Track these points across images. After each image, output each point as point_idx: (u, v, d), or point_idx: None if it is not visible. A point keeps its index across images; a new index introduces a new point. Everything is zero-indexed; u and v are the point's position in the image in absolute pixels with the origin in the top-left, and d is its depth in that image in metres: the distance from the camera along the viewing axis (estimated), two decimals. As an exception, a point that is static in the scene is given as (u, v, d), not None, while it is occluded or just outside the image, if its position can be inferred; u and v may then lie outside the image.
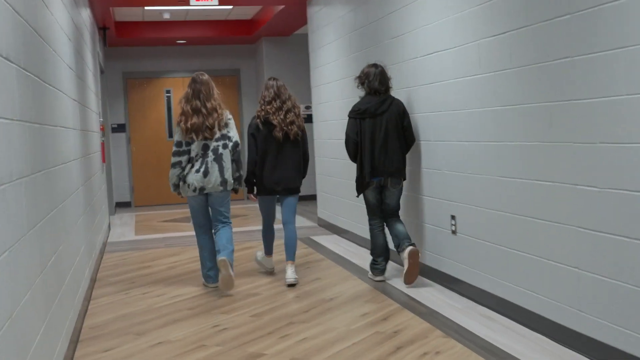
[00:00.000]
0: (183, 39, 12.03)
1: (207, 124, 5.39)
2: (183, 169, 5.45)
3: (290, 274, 5.65)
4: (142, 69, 12.66)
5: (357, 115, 5.51)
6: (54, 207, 3.68)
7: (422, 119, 5.56)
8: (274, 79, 5.92)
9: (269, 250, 6.07)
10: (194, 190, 5.40)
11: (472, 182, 4.84)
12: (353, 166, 6.06)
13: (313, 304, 5.07)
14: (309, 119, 12.09)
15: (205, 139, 5.39)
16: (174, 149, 5.47)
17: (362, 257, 6.64)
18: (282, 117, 5.69)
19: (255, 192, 5.87)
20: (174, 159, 5.47)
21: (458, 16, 4.88)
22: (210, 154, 5.41)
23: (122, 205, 12.63)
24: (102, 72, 10.87)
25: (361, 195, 5.76)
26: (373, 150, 5.42)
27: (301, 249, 7.31)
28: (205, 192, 5.41)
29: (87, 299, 5.35)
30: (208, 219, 5.61)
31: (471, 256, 4.90)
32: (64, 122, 4.48)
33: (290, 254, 5.78)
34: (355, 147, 5.50)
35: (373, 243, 5.65)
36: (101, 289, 5.84)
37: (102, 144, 8.84)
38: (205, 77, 5.60)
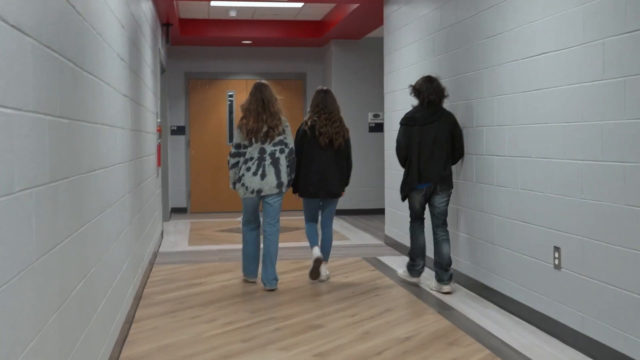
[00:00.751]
0: (249, 39, 11.46)
1: (267, 128, 5.68)
2: (241, 169, 5.75)
3: (324, 273, 6.13)
4: (204, 70, 12.14)
5: (408, 122, 5.69)
6: (85, 221, 3.03)
7: (522, 131, 4.76)
8: (324, 90, 6.21)
9: (314, 242, 6.11)
10: (252, 192, 5.71)
11: (583, 209, 4.02)
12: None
13: (386, 343, 4.31)
14: (378, 128, 11.37)
15: (263, 142, 5.69)
16: (233, 150, 5.79)
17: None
18: (328, 127, 6.01)
19: (298, 193, 6.16)
20: (233, 160, 5.80)
21: (577, 10, 4.08)
22: (267, 157, 5.69)
23: (177, 211, 12.12)
24: (163, 71, 10.36)
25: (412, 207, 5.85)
26: (420, 157, 5.59)
27: (367, 272, 6.58)
28: (262, 194, 5.70)
29: (129, 321, 4.72)
30: (257, 217, 5.93)
31: (579, 297, 4.08)
32: (108, 119, 3.85)
33: (325, 255, 6.20)
34: (405, 153, 5.69)
35: (412, 244, 5.84)
36: (146, 309, 5.20)
37: (159, 146, 8.28)
38: (265, 82, 5.98)
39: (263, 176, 5.66)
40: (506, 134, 5.02)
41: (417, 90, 5.71)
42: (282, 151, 5.75)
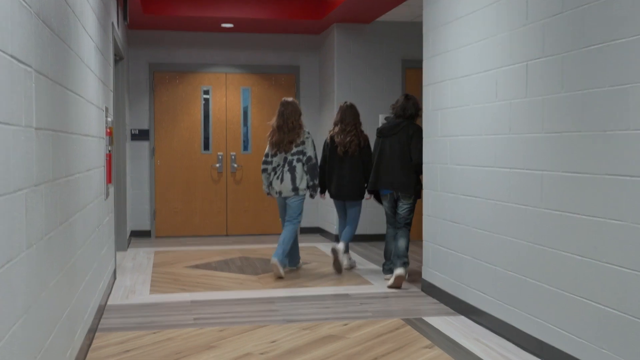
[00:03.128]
0: (229, 22, 9.16)
1: (286, 140, 6.68)
2: (269, 175, 6.82)
3: (345, 262, 7.01)
4: (174, 60, 9.82)
5: (377, 134, 6.54)
6: None
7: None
8: (347, 103, 7.03)
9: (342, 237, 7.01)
10: (276, 193, 6.79)
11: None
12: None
13: None
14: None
15: (286, 152, 6.71)
16: (263, 159, 6.86)
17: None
18: (342, 136, 6.86)
19: (326, 194, 7.21)
20: (262, 167, 6.86)
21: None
22: (286, 165, 6.73)
23: (139, 235, 9.74)
24: (120, 58, 8.02)
25: None
26: (379, 165, 6.41)
27: (408, 336, 4.33)
28: (283, 195, 6.75)
29: None
30: (286, 213, 6.86)
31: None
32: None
33: (345, 247, 6.97)
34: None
35: (385, 248, 6.60)
36: None
37: (109, 156, 5.94)
38: (291, 99, 6.82)
39: (282, 180, 6.74)
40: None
41: (393, 106, 6.54)
42: (299, 160, 6.74)
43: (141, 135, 9.72)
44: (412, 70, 9.29)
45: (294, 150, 6.65)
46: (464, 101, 5.17)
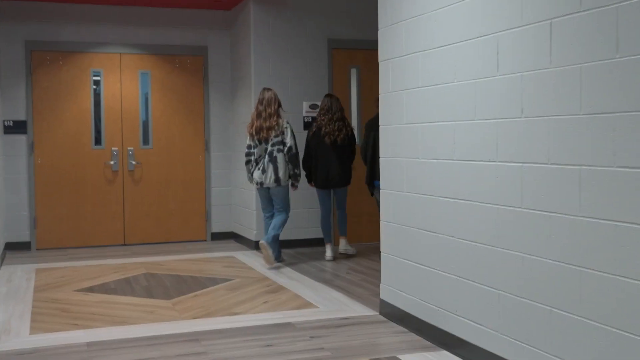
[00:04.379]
0: (125, -8, 7.69)
1: (265, 127, 6.68)
2: (252, 166, 6.84)
3: (342, 246, 7.35)
4: (57, 37, 8.21)
5: (367, 127, 6.87)
6: None
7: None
8: (329, 95, 7.24)
9: (328, 239, 7.25)
10: (257, 184, 6.83)
11: None
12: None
13: None
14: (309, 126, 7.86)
15: (266, 142, 6.71)
16: (246, 150, 6.86)
17: None
18: (332, 126, 7.08)
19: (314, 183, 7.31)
20: (246, 158, 6.87)
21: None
22: (267, 156, 6.72)
23: (16, 248, 8.10)
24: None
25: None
26: (376, 158, 6.59)
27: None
28: (264, 186, 6.77)
29: None
30: (269, 206, 6.94)
31: None
32: None
33: (343, 230, 7.36)
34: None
35: None
36: None
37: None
38: (270, 88, 6.86)
39: (264, 171, 6.74)
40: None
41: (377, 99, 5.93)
42: (279, 150, 6.70)
43: (17, 127, 8.07)
44: (339, 51, 8.15)
45: (274, 140, 6.66)
46: (445, 77, 4.05)
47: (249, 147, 6.81)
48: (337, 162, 7.08)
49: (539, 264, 3.27)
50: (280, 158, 6.69)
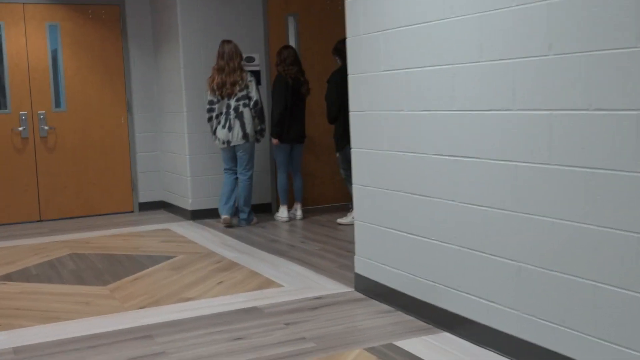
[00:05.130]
0: None
1: (229, 82, 6.31)
2: (214, 123, 6.48)
3: (299, 212, 6.96)
4: (-54, -14, 7.07)
5: (339, 79, 6.08)
6: None
7: None
8: (288, 45, 6.91)
9: (285, 200, 6.90)
10: (222, 143, 6.43)
11: None
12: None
13: None
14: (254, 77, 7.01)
15: (229, 98, 6.35)
16: (207, 106, 6.48)
17: None
18: (304, 78, 6.78)
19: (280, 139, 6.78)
20: (207, 115, 6.50)
21: None
22: (232, 112, 6.35)
23: None
24: None
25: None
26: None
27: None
28: (231, 144, 6.40)
29: None
30: (233, 164, 6.58)
31: None
32: None
33: (299, 195, 7.02)
34: (338, 109, 6.22)
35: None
36: None
37: None
38: (230, 40, 6.49)
39: (230, 129, 6.37)
40: None
41: (339, 50, 6.19)
42: (245, 105, 6.36)
43: None
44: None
45: (239, 94, 6.34)
46: (438, 13, 3.41)
47: (211, 102, 6.40)
48: (302, 116, 6.79)
49: (577, 231, 2.73)
50: (247, 113, 6.35)
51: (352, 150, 4.29)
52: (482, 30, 3.15)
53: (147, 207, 7.98)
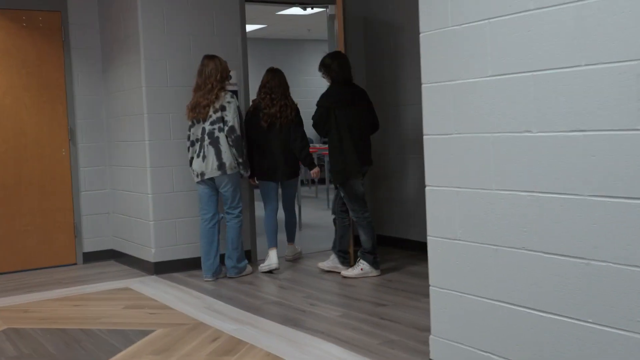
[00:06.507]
0: None
1: (203, 103, 5.33)
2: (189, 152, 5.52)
3: (291, 253, 6.15)
4: None
5: (332, 104, 5.25)
6: None
7: None
8: (274, 69, 5.83)
9: (274, 243, 5.77)
10: (197, 176, 5.38)
11: None
12: None
13: None
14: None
15: (204, 121, 5.33)
16: (187, 133, 5.54)
17: None
18: (271, 108, 5.73)
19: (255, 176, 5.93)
20: (187, 143, 5.53)
21: None
22: (206, 137, 5.33)
23: None
24: None
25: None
26: (356, 141, 5.26)
27: None
28: (205, 177, 5.34)
29: None
30: (211, 207, 5.44)
31: None
32: None
33: (292, 235, 6.22)
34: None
35: (373, 236, 5.30)
36: None
37: None
38: (215, 55, 5.46)
39: (204, 158, 5.35)
40: None
41: (327, 65, 5.36)
42: (221, 129, 5.33)
43: None
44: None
45: (213, 117, 5.32)
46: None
47: (189, 128, 5.48)
48: (282, 149, 5.75)
49: None
50: (222, 139, 5.32)
51: (428, 189, 3.09)
52: None
53: (94, 257, 6.52)
